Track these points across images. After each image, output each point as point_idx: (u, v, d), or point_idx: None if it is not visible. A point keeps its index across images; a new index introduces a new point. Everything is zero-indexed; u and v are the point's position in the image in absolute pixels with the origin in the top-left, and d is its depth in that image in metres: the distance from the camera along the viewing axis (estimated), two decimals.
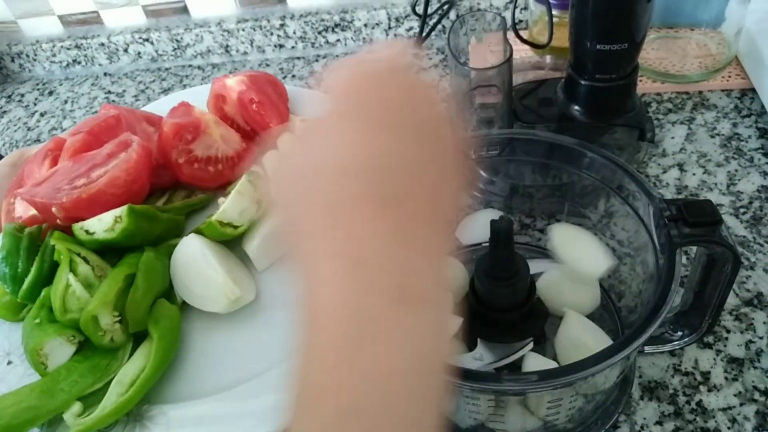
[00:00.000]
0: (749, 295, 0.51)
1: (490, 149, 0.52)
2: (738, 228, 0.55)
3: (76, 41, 0.94)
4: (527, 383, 0.35)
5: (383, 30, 0.86)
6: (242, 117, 0.52)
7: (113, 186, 0.41)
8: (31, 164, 0.48)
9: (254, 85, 0.52)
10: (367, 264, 0.25)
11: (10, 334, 0.41)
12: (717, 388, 0.46)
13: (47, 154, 0.47)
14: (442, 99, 0.30)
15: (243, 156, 0.49)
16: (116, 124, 0.47)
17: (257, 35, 0.89)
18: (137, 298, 0.39)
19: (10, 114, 0.93)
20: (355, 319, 0.23)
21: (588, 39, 0.55)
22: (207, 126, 0.49)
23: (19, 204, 0.46)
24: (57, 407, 0.36)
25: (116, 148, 0.44)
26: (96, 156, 0.44)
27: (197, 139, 0.48)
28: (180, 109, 0.50)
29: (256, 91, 0.51)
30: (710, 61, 0.69)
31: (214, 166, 0.48)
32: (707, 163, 0.61)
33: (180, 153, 0.47)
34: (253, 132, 0.52)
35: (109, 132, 0.47)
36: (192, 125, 0.48)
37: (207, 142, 0.49)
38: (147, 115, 0.51)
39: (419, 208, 0.26)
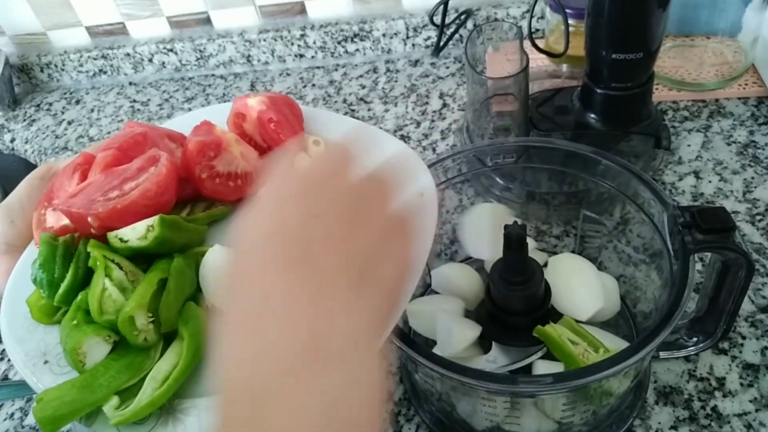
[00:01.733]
0: (765, 301, 0.51)
1: (506, 157, 0.53)
2: (754, 235, 0.56)
3: (102, 51, 0.97)
4: (542, 385, 0.36)
5: (401, 40, 0.88)
6: (260, 135, 0.55)
7: (145, 198, 0.43)
8: (60, 177, 0.50)
9: (273, 105, 0.55)
10: (269, 327, 0.24)
11: (45, 336, 0.43)
12: (732, 394, 0.46)
13: (76, 168, 0.49)
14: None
15: (261, 172, 0.51)
16: (143, 140, 0.50)
17: (278, 45, 0.91)
18: (170, 300, 0.41)
19: (38, 122, 0.95)
20: (257, 389, 0.23)
21: (603, 48, 0.56)
22: (228, 144, 0.52)
23: (50, 215, 0.49)
24: (97, 400, 0.39)
25: (146, 162, 0.46)
26: (127, 170, 0.46)
27: (219, 155, 0.51)
28: (202, 127, 0.53)
29: (275, 111, 0.54)
30: (727, 69, 0.70)
31: (234, 181, 0.51)
32: (723, 170, 0.62)
33: (203, 169, 0.50)
34: (270, 149, 0.55)
35: (137, 148, 0.49)
36: (214, 143, 0.51)
37: (228, 159, 0.52)
38: (168, 132, 0.54)
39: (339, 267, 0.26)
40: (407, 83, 0.84)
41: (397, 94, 0.82)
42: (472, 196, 0.61)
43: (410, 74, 0.85)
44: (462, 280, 0.51)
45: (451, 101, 0.79)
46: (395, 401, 0.50)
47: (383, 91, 0.83)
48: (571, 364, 0.41)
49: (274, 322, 0.25)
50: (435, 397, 0.46)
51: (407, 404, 0.50)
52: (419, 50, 0.89)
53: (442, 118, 0.77)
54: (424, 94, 0.81)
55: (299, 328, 0.24)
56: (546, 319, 0.44)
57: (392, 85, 0.84)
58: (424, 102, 0.80)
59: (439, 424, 0.47)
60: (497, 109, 0.62)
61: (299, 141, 0.54)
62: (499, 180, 0.60)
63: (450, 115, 0.77)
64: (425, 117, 0.77)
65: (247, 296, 0.26)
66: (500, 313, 0.45)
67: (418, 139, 0.74)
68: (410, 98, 0.81)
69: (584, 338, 0.42)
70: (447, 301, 0.50)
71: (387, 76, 0.86)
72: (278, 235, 0.27)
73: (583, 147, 0.48)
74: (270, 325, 0.25)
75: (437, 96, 0.80)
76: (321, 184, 0.29)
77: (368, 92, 0.84)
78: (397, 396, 0.50)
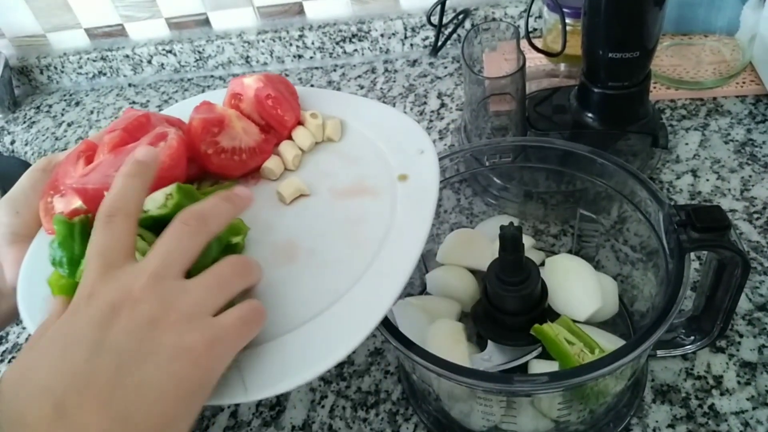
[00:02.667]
0: (762, 300, 0.51)
1: (503, 156, 0.53)
2: (752, 233, 0.56)
3: (101, 53, 0.97)
4: (537, 385, 0.36)
5: (399, 40, 0.88)
6: (258, 112, 0.56)
7: (158, 170, 0.44)
8: (65, 165, 0.50)
9: (269, 83, 0.56)
10: None
11: None
12: (729, 392, 0.46)
13: (80, 155, 0.50)
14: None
15: (263, 146, 0.54)
16: (147, 122, 0.51)
17: (277, 46, 0.91)
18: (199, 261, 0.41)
19: (38, 124, 0.96)
20: None
21: (600, 48, 0.56)
22: (230, 120, 0.53)
23: (57, 201, 0.49)
24: None
25: (154, 139, 0.48)
26: (137, 147, 0.46)
27: (222, 131, 0.52)
28: (203, 107, 0.54)
29: (272, 88, 0.55)
30: (724, 68, 0.70)
31: (239, 156, 0.53)
32: (721, 169, 0.62)
33: (208, 145, 0.51)
34: (268, 126, 0.56)
35: (141, 129, 0.51)
36: (217, 120, 0.52)
37: (231, 134, 0.53)
38: (166, 117, 0.55)
39: (87, 419, 0.28)
40: (405, 83, 0.84)
41: (396, 94, 0.82)
42: (470, 196, 0.61)
43: (408, 74, 0.85)
44: (457, 282, 0.51)
45: (449, 101, 0.79)
46: (393, 401, 0.50)
47: (381, 91, 0.84)
48: (566, 363, 0.41)
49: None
50: (433, 396, 0.47)
51: (405, 404, 0.50)
52: (417, 50, 0.89)
53: (440, 118, 0.77)
54: (422, 94, 0.81)
55: None
56: (543, 319, 0.44)
57: (390, 85, 0.84)
58: (422, 102, 0.80)
59: (437, 424, 0.47)
60: (495, 108, 0.62)
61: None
62: (496, 179, 0.60)
63: (448, 115, 0.77)
64: (423, 117, 0.78)
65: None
66: (496, 312, 0.45)
67: None
68: (408, 98, 0.81)
69: (580, 338, 0.42)
70: (441, 302, 0.50)
71: (385, 76, 0.86)
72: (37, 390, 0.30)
73: (579, 146, 0.49)
74: None
75: (435, 96, 0.80)
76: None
77: (367, 92, 0.84)
78: (396, 396, 0.50)
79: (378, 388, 0.51)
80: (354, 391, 0.51)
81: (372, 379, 0.52)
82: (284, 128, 0.55)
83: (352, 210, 0.46)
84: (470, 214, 0.60)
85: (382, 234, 0.43)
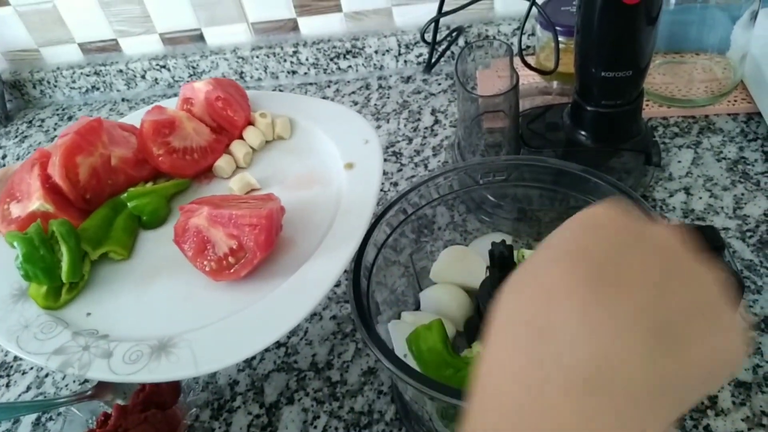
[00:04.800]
0: (756, 319, 0.51)
1: (497, 175, 0.53)
2: (745, 252, 0.56)
3: (95, 68, 0.97)
4: None
5: (393, 57, 0.88)
6: (209, 115, 0.59)
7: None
8: (20, 173, 0.53)
9: (219, 85, 0.59)
10: (553, 344, 0.22)
11: (23, 313, 0.46)
12: (725, 413, 0.46)
13: (34, 163, 0.52)
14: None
15: (214, 146, 0.57)
16: (98, 126, 0.54)
17: (271, 62, 0.91)
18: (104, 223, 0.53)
19: (30, 138, 0.95)
20: (525, 401, 0.22)
21: (593, 66, 0.57)
22: (181, 121, 0.56)
23: (14, 207, 0.52)
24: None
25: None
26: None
27: (173, 132, 0.56)
28: (154, 110, 0.57)
29: (221, 90, 0.59)
30: (716, 86, 0.70)
31: (191, 155, 0.56)
32: (714, 186, 0.62)
33: (160, 146, 0.54)
34: (220, 127, 0.59)
35: (93, 133, 0.53)
36: (168, 121, 0.56)
37: (182, 135, 0.56)
38: (120, 124, 0.59)
39: (643, 302, 0.23)
40: (399, 99, 0.84)
41: (389, 111, 0.82)
42: (464, 213, 0.61)
43: (402, 91, 0.86)
44: (451, 300, 0.51)
45: (442, 117, 0.79)
46: (386, 422, 0.50)
47: (375, 107, 0.84)
48: None
49: (556, 343, 0.22)
50: (426, 417, 0.46)
51: (398, 424, 0.49)
52: (411, 67, 0.89)
53: (433, 135, 0.77)
54: (416, 110, 0.81)
55: (582, 361, 0.22)
56: None
57: (384, 102, 0.84)
58: (416, 118, 0.80)
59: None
60: (488, 125, 0.62)
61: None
62: (490, 197, 0.60)
63: (442, 132, 0.77)
64: (417, 133, 0.78)
65: (530, 304, 0.24)
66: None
67: (410, 156, 0.74)
68: (402, 114, 0.81)
69: None
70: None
71: (379, 93, 0.86)
72: (582, 253, 0.24)
73: (572, 165, 0.49)
74: (551, 345, 0.22)
75: (429, 112, 0.81)
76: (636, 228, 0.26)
77: (360, 108, 0.84)
78: (389, 416, 0.50)
79: (371, 409, 0.51)
80: (347, 411, 0.51)
81: (365, 399, 0.51)
82: (235, 128, 0.58)
83: (302, 199, 0.50)
84: (464, 231, 0.60)
85: (329, 218, 0.47)
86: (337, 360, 0.55)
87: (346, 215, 0.46)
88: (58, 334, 0.44)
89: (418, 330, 0.43)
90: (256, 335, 0.39)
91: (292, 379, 0.54)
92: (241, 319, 0.41)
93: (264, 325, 0.40)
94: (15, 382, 0.60)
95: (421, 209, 0.52)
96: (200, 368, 0.39)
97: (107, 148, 0.54)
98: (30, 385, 0.59)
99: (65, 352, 0.42)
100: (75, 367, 0.41)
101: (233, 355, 0.39)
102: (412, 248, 0.54)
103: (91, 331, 0.44)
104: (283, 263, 0.45)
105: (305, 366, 0.55)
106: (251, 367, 0.56)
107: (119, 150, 0.55)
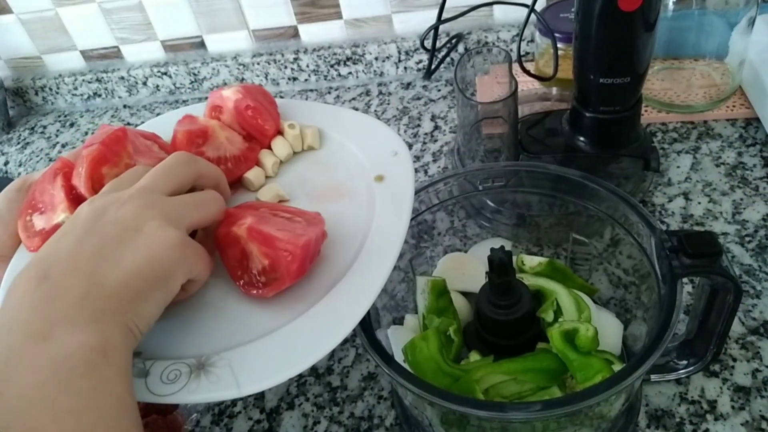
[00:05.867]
0: (755, 323, 0.51)
1: (496, 181, 0.53)
2: (744, 257, 0.56)
3: (97, 75, 0.98)
4: (531, 412, 0.36)
5: (393, 63, 0.89)
6: (238, 123, 0.57)
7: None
8: (41, 184, 0.51)
9: (248, 93, 0.57)
10: (14, 322, 0.33)
11: None
12: (724, 417, 0.46)
13: (56, 173, 0.51)
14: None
15: (247, 154, 0.55)
16: (123, 136, 0.52)
17: (271, 69, 0.92)
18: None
19: (32, 145, 0.96)
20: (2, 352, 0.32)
21: (591, 73, 0.57)
22: (214, 131, 0.55)
23: (37, 219, 0.50)
24: None
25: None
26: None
27: (207, 142, 0.54)
28: (186, 120, 0.56)
29: (251, 98, 0.57)
30: (715, 92, 0.70)
31: (225, 165, 0.54)
32: (712, 192, 0.62)
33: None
34: (249, 135, 0.57)
35: (118, 143, 0.52)
36: (201, 131, 0.54)
37: (215, 144, 0.54)
38: (141, 132, 0.57)
39: (67, 282, 0.34)
40: (399, 106, 0.84)
41: (390, 117, 0.83)
42: (464, 218, 0.61)
43: (402, 97, 0.86)
44: None
45: (442, 123, 0.80)
46: (387, 427, 0.50)
47: (376, 113, 0.84)
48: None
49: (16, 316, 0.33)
50: (426, 422, 0.46)
51: (399, 430, 0.49)
52: (411, 73, 0.90)
53: (433, 140, 0.77)
54: (416, 116, 0.82)
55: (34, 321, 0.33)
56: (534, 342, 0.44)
57: (384, 108, 0.85)
58: (416, 124, 0.80)
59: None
60: (487, 131, 0.63)
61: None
62: (489, 203, 0.60)
63: (441, 137, 0.77)
64: (417, 139, 0.78)
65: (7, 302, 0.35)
66: (488, 334, 0.45)
67: None
68: (402, 120, 0.82)
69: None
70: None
71: (379, 99, 0.87)
72: (32, 263, 0.36)
73: (571, 171, 0.49)
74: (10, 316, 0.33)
75: (429, 118, 0.81)
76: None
77: None
78: (389, 421, 0.50)
79: (371, 414, 0.51)
80: (347, 416, 0.51)
81: (365, 404, 0.52)
82: (265, 137, 0.56)
83: (331, 212, 0.47)
84: (464, 237, 0.60)
85: (362, 232, 0.45)
86: (338, 365, 0.55)
87: (379, 232, 0.45)
88: None
89: (414, 340, 0.44)
90: (297, 355, 0.38)
91: (293, 385, 0.54)
92: (279, 338, 0.40)
93: (304, 344, 0.39)
94: None
95: (421, 215, 0.52)
96: (242, 389, 0.37)
97: (132, 158, 0.52)
98: None
99: None
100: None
101: (275, 375, 0.37)
102: (411, 254, 0.54)
103: None
104: (316, 280, 0.43)
105: (305, 371, 0.55)
106: None
107: (144, 160, 0.53)
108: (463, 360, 0.46)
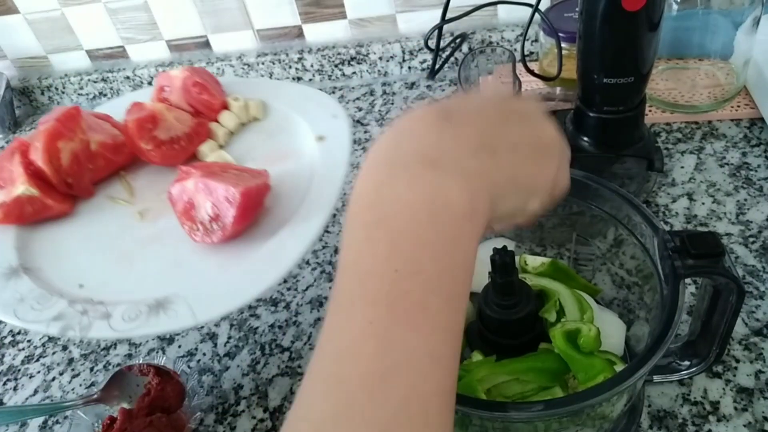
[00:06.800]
0: (758, 324, 0.51)
1: None
2: (747, 257, 0.56)
3: (102, 74, 0.98)
4: (533, 412, 0.36)
5: (398, 63, 0.89)
6: (186, 101, 0.62)
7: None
8: (1, 161, 0.56)
9: (194, 72, 0.62)
10: (407, 143, 0.32)
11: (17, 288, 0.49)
12: (726, 418, 0.46)
13: (14, 151, 0.55)
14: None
15: (197, 130, 0.60)
16: (77, 113, 0.57)
17: (276, 68, 0.92)
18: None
19: None
20: (389, 165, 0.31)
21: (595, 73, 0.57)
22: (161, 114, 0.59)
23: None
24: None
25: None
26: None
27: (157, 126, 0.58)
28: (134, 108, 0.60)
29: (197, 76, 0.62)
30: (719, 92, 0.70)
31: (178, 144, 0.59)
32: (716, 192, 0.62)
33: (147, 141, 0.57)
34: (197, 111, 0.62)
35: (72, 120, 0.56)
36: (150, 116, 0.58)
37: (165, 126, 0.59)
38: (94, 113, 0.62)
39: (465, 131, 0.32)
40: (403, 105, 0.84)
41: (394, 116, 0.83)
42: None
43: (406, 96, 0.86)
44: None
45: None
46: None
47: (380, 113, 0.84)
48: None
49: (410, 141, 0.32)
50: None
51: None
52: (415, 73, 0.90)
53: None
54: None
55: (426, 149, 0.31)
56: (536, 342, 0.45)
57: (389, 107, 0.85)
58: None
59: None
60: None
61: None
62: None
63: None
64: None
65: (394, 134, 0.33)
66: (490, 334, 0.45)
67: None
68: None
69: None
70: None
71: (383, 99, 0.87)
72: (435, 105, 0.33)
73: (574, 171, 0.49)
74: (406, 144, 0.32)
75: None
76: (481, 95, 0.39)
77: (365, 114, 0.85)
78: None
79: None
80: None
81: None
82: (212, 111, 0.61)
83: (277, 172, 0.53)
84: None
85: (305, 186, 0.51)
86: None
87: (319, 182, 0.50)
88: (54, 303, 0.46)
89: None
90: (246, 289, 0.43)
91: (296, 384, 0.55)
92: (229, 276, 0.45)
93: (252, 280, 0.44)
94: (22, 385, 0.61)
95: None
96: (198, 318, 0.42)
97: (86, 134, 0.57)
98: (37, 388, 0.60)
99: (64, 318, 0.44)
100: (76, 330, 0.43)
101: (227, 304, 0.42)
102: None
103: (87, 300, 0.46)
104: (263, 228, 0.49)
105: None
106: (255, 371, 0.56)
107: (98, 135, 0.58)
108: (465, 360, 0.46)
